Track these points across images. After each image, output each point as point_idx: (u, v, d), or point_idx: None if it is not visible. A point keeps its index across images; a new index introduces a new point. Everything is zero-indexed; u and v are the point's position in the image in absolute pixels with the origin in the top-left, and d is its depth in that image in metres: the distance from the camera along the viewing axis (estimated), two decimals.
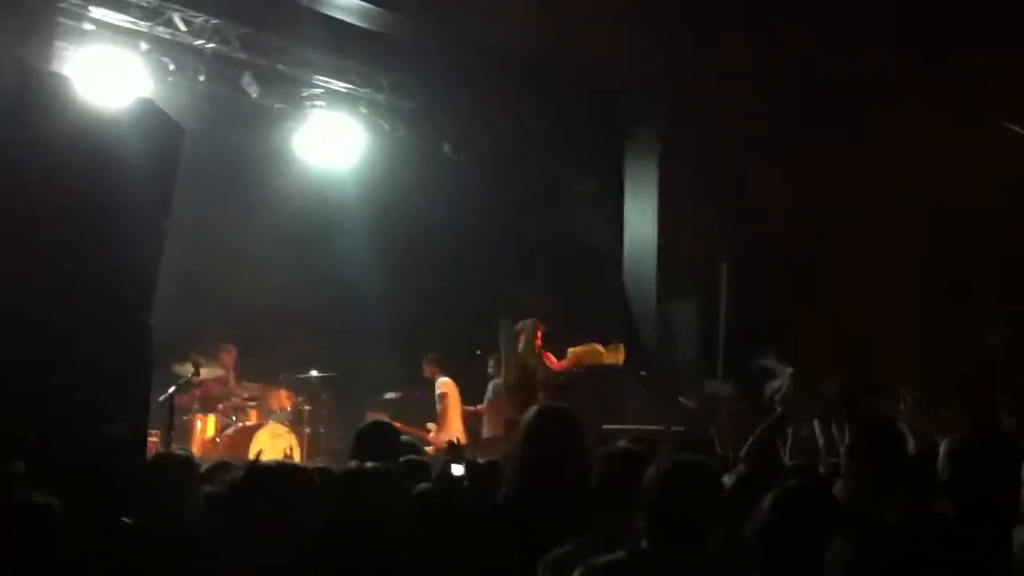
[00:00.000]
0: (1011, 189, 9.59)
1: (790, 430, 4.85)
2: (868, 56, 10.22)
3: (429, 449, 9.92)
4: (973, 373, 5.94)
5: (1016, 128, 9.05)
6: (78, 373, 5.27)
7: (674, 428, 7.23)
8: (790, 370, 6.89)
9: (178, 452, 4.76)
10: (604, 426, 8.48)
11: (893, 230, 10.55)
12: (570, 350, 10.00)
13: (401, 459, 4.68)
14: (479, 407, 10.87)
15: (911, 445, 4.67)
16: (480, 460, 5.15)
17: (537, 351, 9.87)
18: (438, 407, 10.83)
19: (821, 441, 4.70)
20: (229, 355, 10.99)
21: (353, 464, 3.56)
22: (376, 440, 4.65)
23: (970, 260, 9.86)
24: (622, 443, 3.96)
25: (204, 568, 3.40)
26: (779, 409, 4.63)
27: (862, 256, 10.57)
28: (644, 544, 2.98)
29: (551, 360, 9.82)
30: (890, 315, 9.38)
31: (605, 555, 3.00)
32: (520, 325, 10.00)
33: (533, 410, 4.03)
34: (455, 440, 5.58)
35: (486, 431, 10.69)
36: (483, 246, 12.52)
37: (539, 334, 9.90)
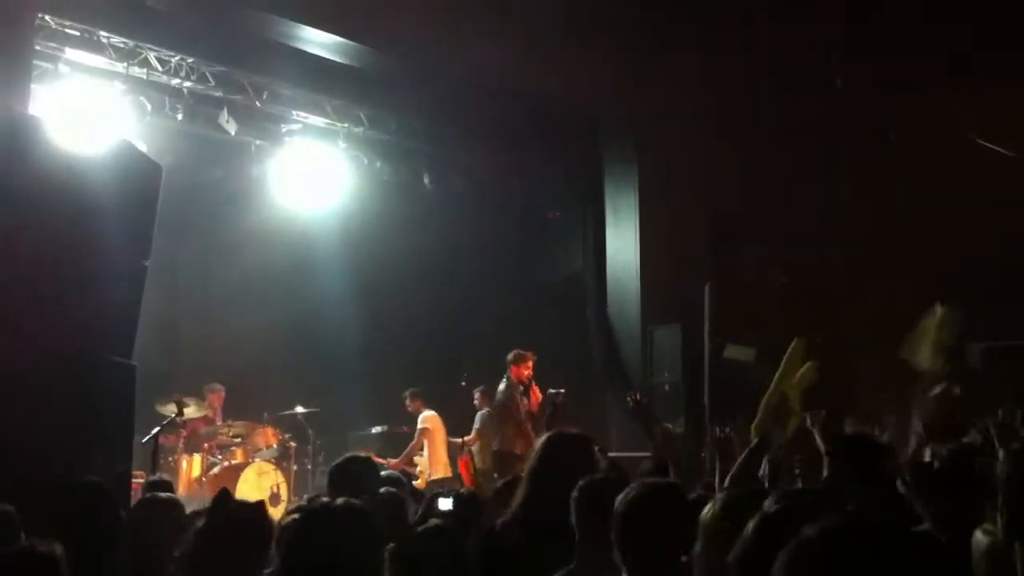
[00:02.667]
0: (985, 206, 9.68)
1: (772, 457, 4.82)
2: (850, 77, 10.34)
3: (418, 483, 9.91)
4: (948, 394, 5.97)
5: (985, 143, 9.15)
6: (59, 415, 5.24)
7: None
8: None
9: (162, 496, 4.68)
10: None
11: (872, 254, 10.61)
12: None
13: (382, 490, 4.65)
14: (467, 438, 10.84)
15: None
16: (465, 491, 5.12)
17: (527, 381, 9.80)
18: (416, 440, 10.93)
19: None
20: (217, 395, 10.96)
21: (317, 502, 3.51)
22: (350, 475, 4.60)
23: (948, 280, 9.90)
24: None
25: None
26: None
27: (842, 278, 10.63)
28: (624, 572, 2.96)
29: (535, 393, 9.75)
30: (870, 338, 9.40)
31: None
32: (509, 356, 9.94)
33: (545, 436, 3.97)
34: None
35: (476, 461, 10.65)
36: (465, 276, 12.53)
37: (529, 364, 9.84)
